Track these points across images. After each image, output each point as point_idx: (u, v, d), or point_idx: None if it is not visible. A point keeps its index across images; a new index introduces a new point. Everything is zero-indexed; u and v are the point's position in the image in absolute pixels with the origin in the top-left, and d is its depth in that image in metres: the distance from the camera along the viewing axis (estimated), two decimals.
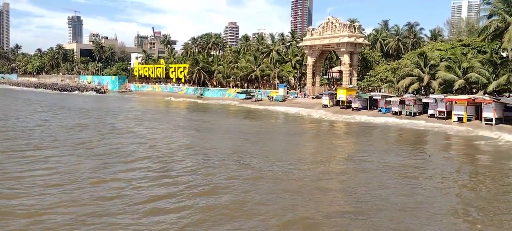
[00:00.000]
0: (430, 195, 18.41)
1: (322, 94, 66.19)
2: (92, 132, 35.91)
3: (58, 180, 19.72)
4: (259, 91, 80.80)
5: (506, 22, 44.37)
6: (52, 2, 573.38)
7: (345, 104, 58.19)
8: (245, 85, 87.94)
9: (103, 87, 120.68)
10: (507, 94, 48.63)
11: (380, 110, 53.06)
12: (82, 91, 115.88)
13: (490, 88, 45.68)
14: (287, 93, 74.92)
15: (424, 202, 17.32)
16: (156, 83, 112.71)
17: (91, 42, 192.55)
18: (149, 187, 18.95)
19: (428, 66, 54.61)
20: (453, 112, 43.82)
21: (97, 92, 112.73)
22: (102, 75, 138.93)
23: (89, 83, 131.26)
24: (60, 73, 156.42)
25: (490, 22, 46.36)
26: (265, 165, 23.78)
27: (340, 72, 76.04)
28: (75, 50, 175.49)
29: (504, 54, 52.93)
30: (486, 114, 40.85)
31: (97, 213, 15.60)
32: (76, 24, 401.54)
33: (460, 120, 42.85)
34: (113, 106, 66.87)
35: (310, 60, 73.80)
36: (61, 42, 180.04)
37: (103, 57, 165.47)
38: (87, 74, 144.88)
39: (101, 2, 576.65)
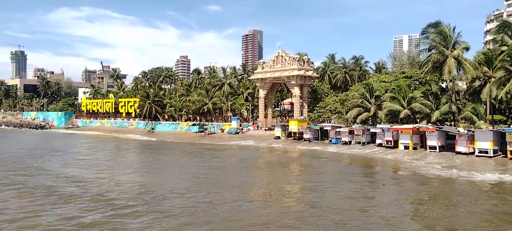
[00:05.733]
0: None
1: (274, 126, 66.93)
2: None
3: None
4: (212, 124, 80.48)
5: (444, 55, 47.16)
6: None
7: (297, 135, 59.06)
8: (198, 118, 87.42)
9: (48, 123, 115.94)
10: (448, 123, 51.30)
11: (330, 141, 54.21)
12: (20, 128, 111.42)
13: (434, 118, 47.95)
14: (240, 125, 75.12)
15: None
16: (105, 118, 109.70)
17: (36, 77, 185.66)
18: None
19: (374, 97, 56.85)
20: (400, 141, 45.52)
21: (41, 129, 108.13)
22: (48, 111, 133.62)
23: (33, 119, 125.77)
24: (2, 110, 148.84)
25: (429, 55, 49.09)
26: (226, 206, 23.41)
27: (292, 104, 77.47)
28: (18, 86, 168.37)
29: (444, 85, 56.09)
30: (430, 142, 42.76)
31: None
32: (19, 59, 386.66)
33: (406, 148, 44.52)
34: (51, 145, 63.96)
35: (261, 93, 74.72)
36: (3, 78, 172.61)
37: (49, 92, 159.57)
38: (31, 111, 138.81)
39: (47, 36, 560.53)
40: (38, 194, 24.75)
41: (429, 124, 47.14)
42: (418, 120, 51.86)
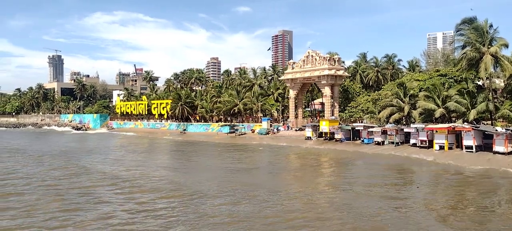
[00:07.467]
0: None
1: (305, 126, 66.61)
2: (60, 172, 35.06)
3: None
4: (242, 125, 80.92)
5: (481, 52, 45.82)
6: (32, 42, 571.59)
7: (328, 135, 58.61)
8: (229, 119, 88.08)
9: (84, 125, 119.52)
10: (485, 122, 49.77)
11: (363, 141, 53.54)
12: (55, 126, 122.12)
13: (470, 116, 46.60)
14: (271, 126, 75.21)
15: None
16: (139, 120, 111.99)
17: (72, 81, 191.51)
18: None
19: (408, 96, 55.79)
20: (435, 141, 44.45)
21: (77, 130, 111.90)
22: (84, 113, 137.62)
23: (70, 122, 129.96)
24: (40, 113, 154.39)
25: (464, 52, 47.79)
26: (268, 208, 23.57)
27: (322, 104, 76.97)
28: (55, 89, 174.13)
29: (480, 83, 54.50)
30: (466, 142, 41.55)
31: None
32: (56, 63, 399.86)
33: (441, 148, 43.46)
34: (92, 145, 65.85)
35: (292, 93, 74.55)
36: (41, 82, 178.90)
37: (85, 95, 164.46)
38: (68, 113, 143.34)
39: (82, 41, 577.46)
40: (77, 192, 25.69)
41: (465, 123, 45.90)
42: (453, 119, 50.58)
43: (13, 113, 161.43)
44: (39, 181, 30.20)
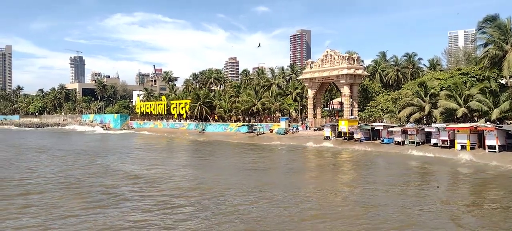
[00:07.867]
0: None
1: (324, 126, 66.18)
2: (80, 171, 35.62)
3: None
4: (261, 125, 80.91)
5: (504, 50, 44.85)
6: (54, 44, 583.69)
7: (347, 135, 58.14)
8: (247, 119, 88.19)
9: (105, 125, 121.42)
10: (509, 121, 48.69)
11: (382, 141, 52.95)
12: (77, 126, 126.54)
13: (494, 116, 45.68)
14: (289, 126, 75.00)
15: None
16: (158, 120, 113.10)
17: (93, 82, 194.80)
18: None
19: (428, 95, 54.97)
20: (456, 140, 43.62)
21: (102, 129, 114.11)
22: (104, 113, 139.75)
23: (92, 122, 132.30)
24: (63, 113, 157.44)
25: (486, 51, 46.88)
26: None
27: (341, 104, 76.37)
28: (77, 90, 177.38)
29: (503, 81, 53.35)
30: (489, 142, 40.66)
31: None
32: (78, 64, 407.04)
33: (463, 148, 42.66)
34: (110, 145, 66.76)
35: (310, 93, 74.24)
36: (63, 82, 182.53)
37: (105, 95, 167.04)
38: (89, 113, 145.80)
39: (102, 42, 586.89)
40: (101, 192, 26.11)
41: (488, 123, 44.97)
42: (475, 119, 49.64)
43: (36, 114, 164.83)
44: (61, 179, 30.81)
